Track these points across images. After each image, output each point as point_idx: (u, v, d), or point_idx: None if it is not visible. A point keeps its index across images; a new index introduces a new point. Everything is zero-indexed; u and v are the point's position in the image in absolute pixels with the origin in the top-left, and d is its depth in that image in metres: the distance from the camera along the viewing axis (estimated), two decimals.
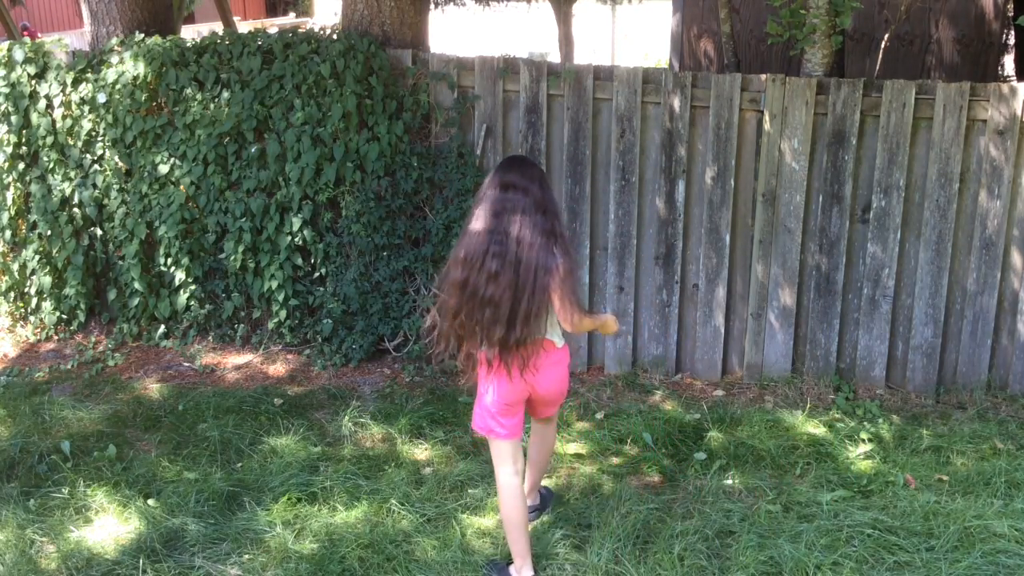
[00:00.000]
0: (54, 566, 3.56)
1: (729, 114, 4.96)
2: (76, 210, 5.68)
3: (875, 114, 4.83)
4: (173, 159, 5.44)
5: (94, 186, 5.63)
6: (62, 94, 5.59)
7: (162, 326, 5.75)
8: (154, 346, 5.71)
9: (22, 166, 5.73)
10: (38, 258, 5.78)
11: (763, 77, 4.92)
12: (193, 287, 5.58)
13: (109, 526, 3.80)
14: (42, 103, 5.62)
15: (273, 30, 5.66)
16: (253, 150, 5.30)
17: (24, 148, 5.71)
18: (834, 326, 5.09)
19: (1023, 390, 4.97)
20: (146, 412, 4.87)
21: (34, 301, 5.92)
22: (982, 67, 8.20)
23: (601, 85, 5.10)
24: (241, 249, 5.39)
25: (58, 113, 5.61)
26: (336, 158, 5.19)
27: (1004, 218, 4.80)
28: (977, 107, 4.72)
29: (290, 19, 20.65)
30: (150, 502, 3.95)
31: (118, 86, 5.42)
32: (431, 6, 9.45)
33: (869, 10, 7.82)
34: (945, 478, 4.11)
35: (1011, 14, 7.89)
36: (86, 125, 5.56)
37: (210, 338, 5.68)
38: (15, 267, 5.87)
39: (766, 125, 4.93)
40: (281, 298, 5.40)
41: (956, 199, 4.82)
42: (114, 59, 5.50)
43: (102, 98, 5.48)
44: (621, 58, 17.00)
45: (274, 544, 3.66)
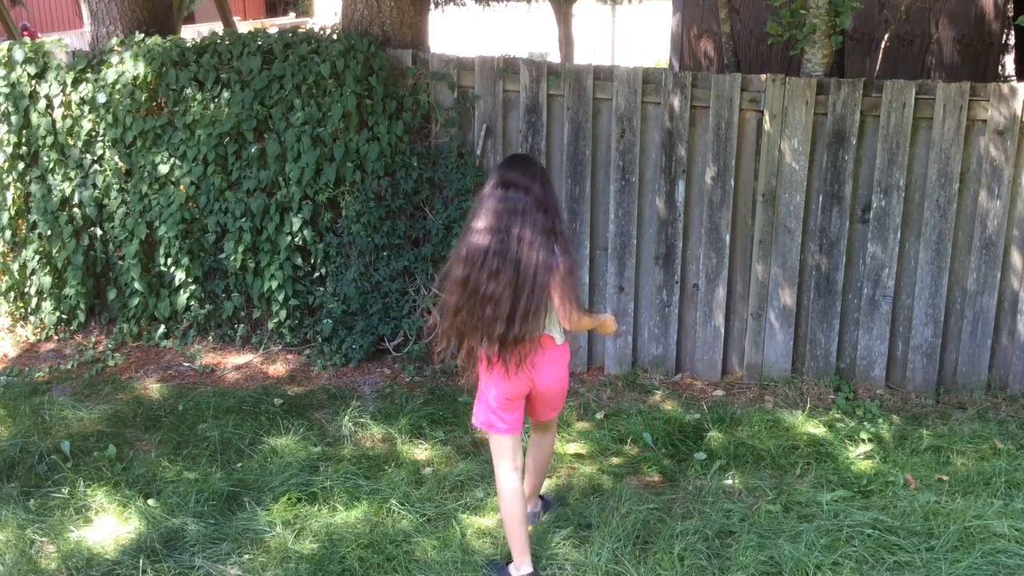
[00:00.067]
0: (54, 566, 3.56)
1: (729, 114, 4.96)
2: (76, 210, 5.68)
3: (875, 114, 4.83)
4: (173, 159, 5.44)
5: (94, 186, 5.63)
6: (62, 94, 5.59)
7: (162, 326, 5.76)
8: (154, 346, 5.72)
9: (22, 166, 5.73)
10: (38, 258, 5.78)
11: (763, 77, 4.92)
12: (193, 287, 5.58)
13: (109, 526, 3.80)
14: (42, 103, 5.62)
15: (273, 30, 5.66)
16: (253, 150, 5.30)
17: (24, 148, 5.71)
18: (834, 326, 5.09)
19: (1023, 390, 4.97)
20: (146, 412, 4.87)
21: (34, 301, 5.92)
22: (982, 67, 8.20)
23: (601, 85, 5.10)
24: (241, 249, 5.39)
25: (58, 113, 5.61)
26: (336, 158, 5.19)
27: (1004, 218, 4.80)
28: (977, 107, 4.72)
29: (290, 19, 20.64)
30: (150, 502, 3.96)
31: (118, 86, 5.43)
32: (431, 6, 9.45)
33: (869, 10, 7.82)
34: (945, 478, 4.11)
35: (1011, 14, 7.89)
36: (86, 125, 5.56)
37: (210, 338, 5.68)
38: (15, 267, 5.87)
39: (766, 125, 4.93)
40: (281, 298, 5.40)
41: (956, 199, 4.82)
42: (114, 59, 5.50)
43: (102, 98, 5.48)
44: (621, 58, 17.00)
45: (274, 544, 3.66)
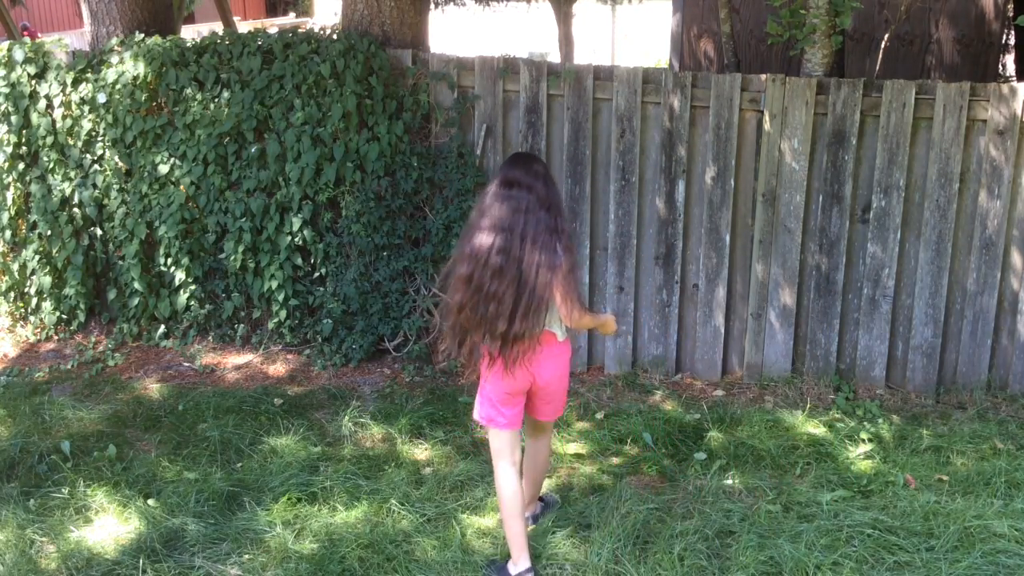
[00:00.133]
0: (54, 566, 3.56)
1: (729, 114, 4.96)
2: (76, 210, 5.68)
3: (875, 114, 4.83)
4: (173, 159, 5.44)
5: (94, 186, 5.63)
6: (62, 94, 5.59)
7: (162, 326, 5.75)
8: (154, 346, 5.72)
9: (22, 166, 5.73)
10: (38, 258, 5.78)
11: (763, 77, 4.92)
12: (193, 287, 5.58)
13: (109, 526, 3.80)
14: (42, 103, 5.62)
15: (273, 30, 5.66)
16: (253, 150, 5.30)
17: (24, 148, 5.71)
18: (834, 326, 5.09)
19: (1023, 390, 4.96)
20: (146, 412, 4.87)
21: (34, 301, 5.92)
22: (982, 67, 8.20)
23: (601, 85, 5.10)
24: (241, 249, 5.39)
25: (58, 113, 5.61)
26: (336, 158, 5.19)
27: (1004, 218, 4.80)
28: (977, 107, 4.72)
29: (290, 19, 20.64)
30: (150, 502, 3.95)
31: (118, 86, 5.42)
32: (431, 6, 9.45)
33: (869, 10, 7.82)
34: (945, 478, 4.11)
35: (1011, 14, 7.89)
36: (86, 125, 5.56)
37: (210, 338, 5.68)
38: (15, 267, 5.87)
39: (766, 125, 4.93)
40: (281, 298, 5.40)
41: (956, 199, 4.82)
42: (114, 59, 5.50)
43: (102, 98, 5.48)
44: (621, 58, 17.00)
45: (274, 544, 3.66)
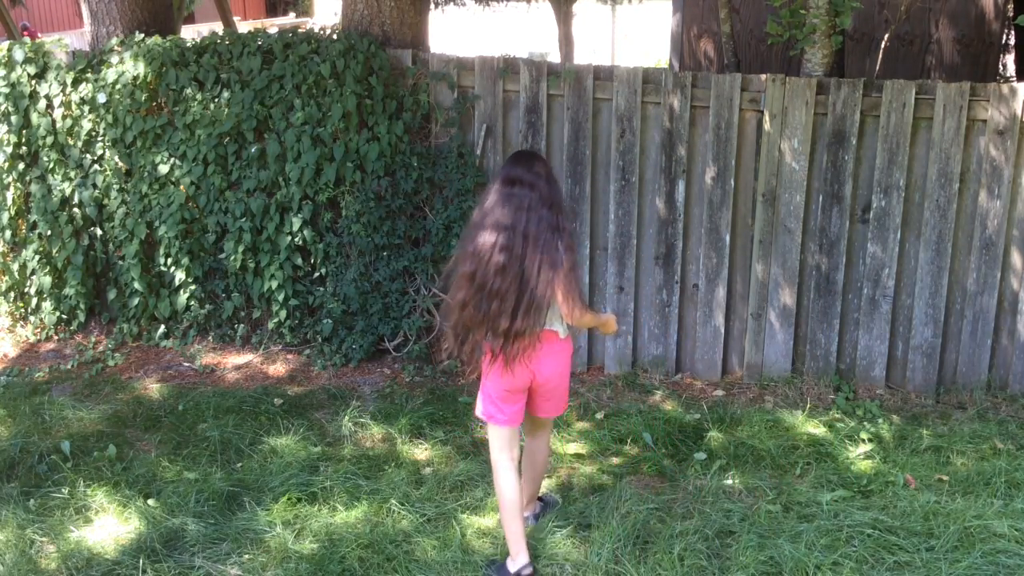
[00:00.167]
0: (54, 566, 3.56)
1: (729, 114, 4.96)
2: (76, 210, 5.68)
3: (875, 114, 4.83)
4: (173, 159, 5.44)
5: (94, 186, 5.63)
6: (62, 94, 5.59)
7: (162, 326, 5.75)
8: (154, 346, 5.72)
9: (22, 166, 5.73)
10: (38, 258, 5.78)
11: (763, 77, 4.92)
12: (193, 287, 5.58)
13: (109, 526, 3.80)
14: (42, 103, 5.62)
15: (273, 30, 5.66)
16: (253, 150, 5.30)
17: (24, 148, 5.71)
18: (834, 326, 5.09)
19: (1023, 390, 4.96)
20: (146, 412, 4.87)
21: (34, 301, 5.92)
22: (982, 67, 8.20)
23: (601, 85, 5.10)
24: (241, 249, 5.39)
25: (58, 113, 5.60)
26: (336, 158, 5.19)
27: (1004, 218, 4.80)
28: (977, 107, 4.72)
29: (290, 19, 20.64)
30: (150, 502, 3.95)
31: (118, 86, 5.42)
32: (431, 6, 9.45)
33: (869, 10, 7.82)
34: (945, 478, 4.11)
35: (1011, 14, 7.89)
36: (86, 125, 5.56)
37: (210, 338, 5.68)
38: (15, 267, 5.87)
39: (766, 125, 4.93)
40: (281, 298, 5.40)
41: (956, 199, 4.82)
42: (114, 59, 5.50)
43: (102, 98, 5.48)
44: (621, 58, 17.00)
45: (274, 544, 3.66)
